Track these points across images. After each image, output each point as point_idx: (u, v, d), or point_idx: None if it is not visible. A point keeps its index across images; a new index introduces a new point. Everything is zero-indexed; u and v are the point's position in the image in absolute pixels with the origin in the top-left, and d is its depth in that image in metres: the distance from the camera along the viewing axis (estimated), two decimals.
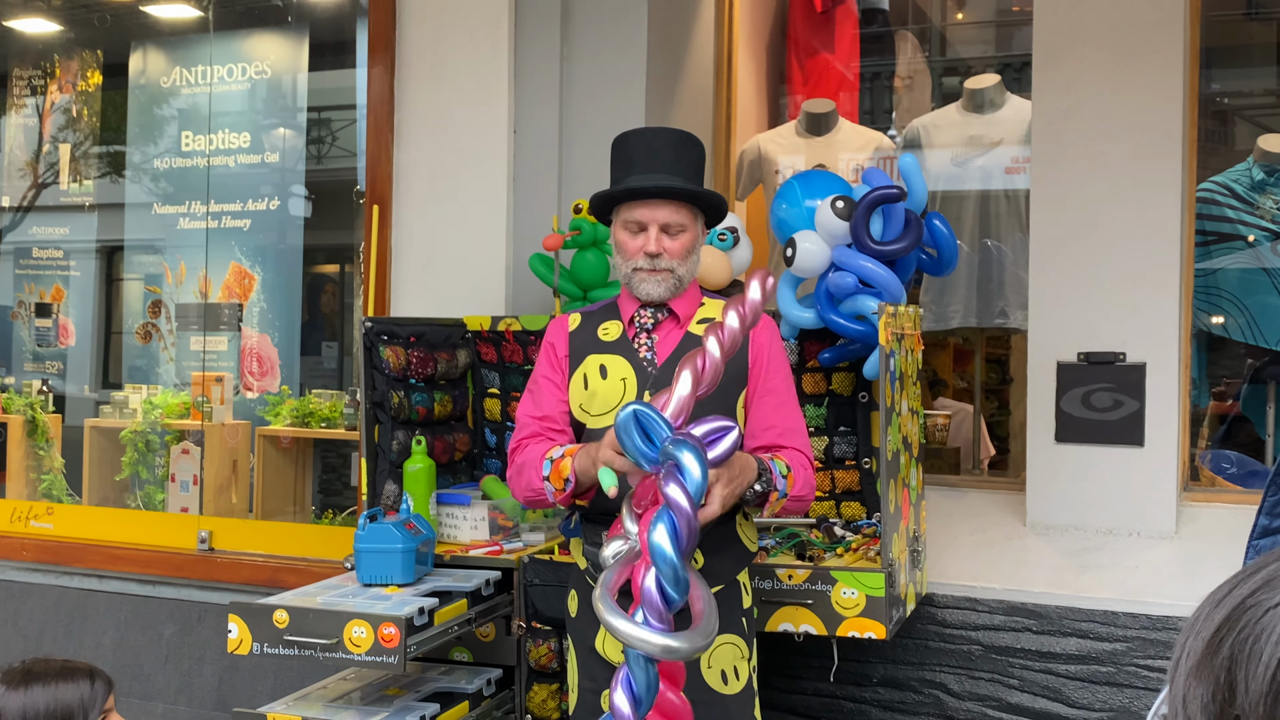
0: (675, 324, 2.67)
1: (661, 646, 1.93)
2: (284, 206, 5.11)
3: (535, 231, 4.14)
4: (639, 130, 2.78)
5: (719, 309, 2.65)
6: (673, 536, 1.97)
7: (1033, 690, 3.52)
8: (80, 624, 4.85)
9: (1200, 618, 0.92)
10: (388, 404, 3.55)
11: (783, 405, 2.66)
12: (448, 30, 4.40)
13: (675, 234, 2.60)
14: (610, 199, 2.64)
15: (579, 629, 2.72)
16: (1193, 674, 0.90)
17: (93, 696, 2.29)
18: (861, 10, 5.93)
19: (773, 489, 2.50)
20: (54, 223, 5.74)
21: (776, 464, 2.54)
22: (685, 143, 2.67)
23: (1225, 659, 0.88)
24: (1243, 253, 4.51)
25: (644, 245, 2.58)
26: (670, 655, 1.95)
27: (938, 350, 5.55)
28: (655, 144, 2.63)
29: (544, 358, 2.77)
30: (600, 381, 2.64)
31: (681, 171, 2.61)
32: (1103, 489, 3.75)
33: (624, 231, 2.63)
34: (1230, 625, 0.89)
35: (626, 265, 2.63)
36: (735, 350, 2.30)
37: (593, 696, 2.64)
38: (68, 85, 5.68)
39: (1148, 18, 3.72)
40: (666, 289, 2.62)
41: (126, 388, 5.39)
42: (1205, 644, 0.90)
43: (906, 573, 3.27)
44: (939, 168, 4.95)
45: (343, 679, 3.42)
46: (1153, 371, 3.70)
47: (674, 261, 2.60)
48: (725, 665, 2.61)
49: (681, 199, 2.60)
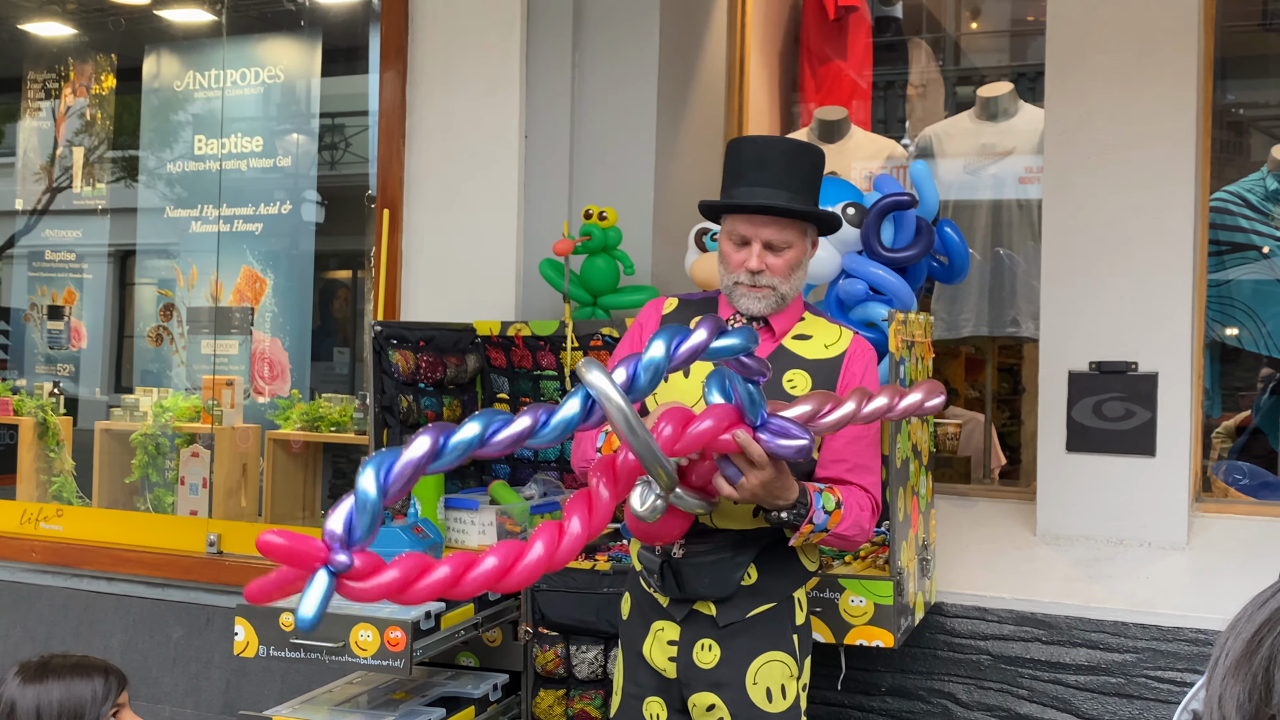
0: (770, 336, 2.57)
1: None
2: (296, 211, 5.12)
3: (546, 237, 4.14)
4: (754, 138, 2.68)
5: (818, 325, 2.61)
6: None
7: (1042, 700, 3.50)
8: (89, 626, 4.85)
9: (1243, 618, 0.91)
10: (397, 408, 3.55)
11: (859, 439, 2.55)
12: (460, 36, 4.41)
13: (780, 251, 2.50)
14: (716, 209, 2.56)
15: (630, 633, 2.65)
16: (1231, 672, 0.88)
17: (105, 692, 2.33)
18: (875, 18, 5.93)
19: (806, 521, 2.39)
20: (67, 226, 5.76)
21: (824, 498, 2.42)
22: (800, 154, 2.54)
23: (1264, 658, 0.86)
24: (1257, 263, 4.49)
25: (746, 260, 2.50)
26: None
27: (949, 359, 5.54)
28: (767, 155, 2.52)
29: (630, 337, 2.68)
30: (680, 377, 2.50)
31: (791, 185, 2.49)
32: (1114, 499, 3.73)
33: (728, 242, 2.54)
34: (1272, 625, 0.87)
35: (728, 278, 2.54)
36: (867, 423, 2.36)
37: (635, 702, 2.60)
38: (82, 89, 5.70)
39: (1161, 27, 3.71)
40: (767, 305, 2.53)
41: (137, 390, 5.40)
42: (1245, 643, 0.88)
43: (915, 581, 3.25)
44: (951, 176, 4.94)
45: (349, 683, 3.41)
46: (1165, 381, 3.68)
47: (776, 279, 2.50)
48: (772, 683, 2.53)
49: (787, 216, 2.51)
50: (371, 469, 1.69)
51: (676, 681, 2.55)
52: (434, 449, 1.73)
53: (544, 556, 1.86)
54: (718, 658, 2.52)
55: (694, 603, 2.52)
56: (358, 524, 1.67)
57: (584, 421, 1.89)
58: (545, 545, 1.87)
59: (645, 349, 1.99)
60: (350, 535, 1.67)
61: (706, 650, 2.52)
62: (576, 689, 3.37)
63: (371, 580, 1.69)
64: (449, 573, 1.77)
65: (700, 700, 2.53)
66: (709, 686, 2.52)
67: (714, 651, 2.52)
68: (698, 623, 2.53)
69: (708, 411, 2.19)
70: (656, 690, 2.58)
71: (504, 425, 1.80)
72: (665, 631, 2.56)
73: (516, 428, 1.81)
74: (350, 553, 1.65)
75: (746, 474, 2.25)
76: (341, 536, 1.66)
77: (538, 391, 3.90)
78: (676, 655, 2.54)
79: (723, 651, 2.51)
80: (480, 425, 1.77)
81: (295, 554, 1.64)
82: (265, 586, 1.68)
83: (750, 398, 2.17)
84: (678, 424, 2.12)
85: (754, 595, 2.53)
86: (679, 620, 2.54)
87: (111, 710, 2.35)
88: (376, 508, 1.67)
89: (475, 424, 1.77)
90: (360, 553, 1.68)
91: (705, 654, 2.52)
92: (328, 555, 1.64)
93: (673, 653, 2.55)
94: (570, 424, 1.87)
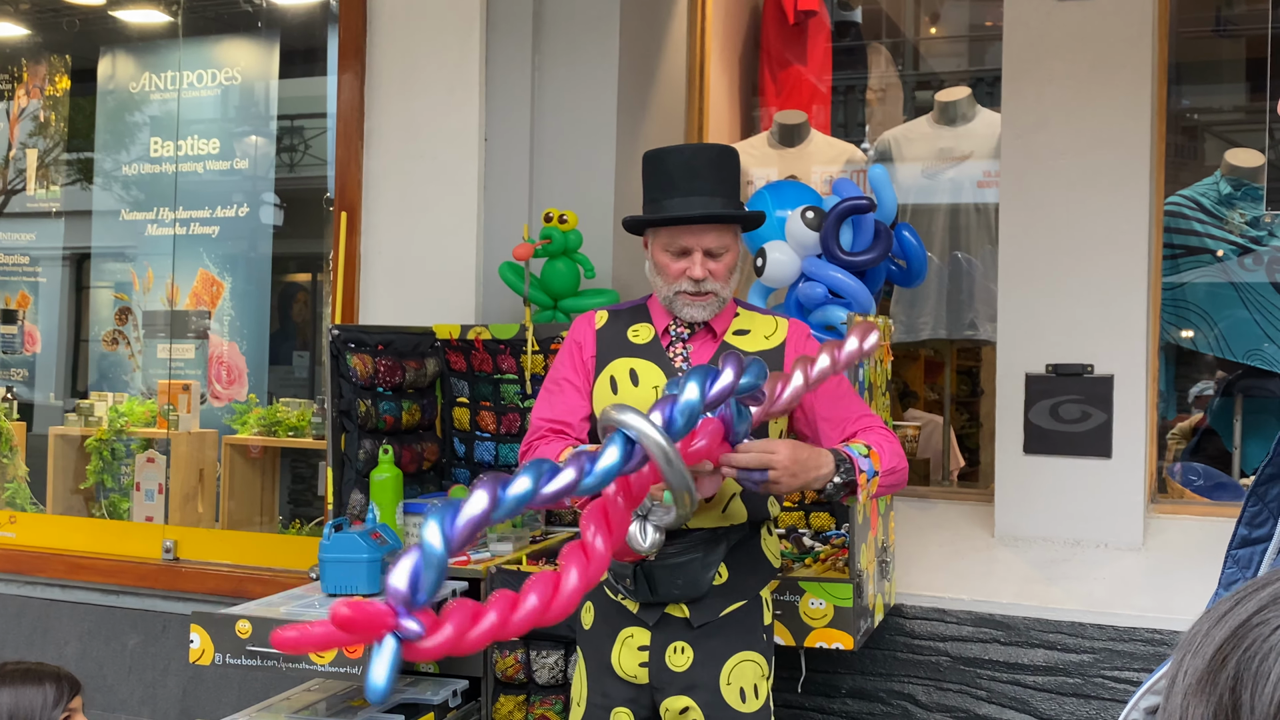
0: (711, 337, 2.59)
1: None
2: (254, 214, 5.08)
3: (506, 240, 4.13)
4: (676, 148, 2.68)
5: (753, 319, 2.61)
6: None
7: (1000, 701, 3.52)
8: (42, 634, 4.79)
9: (1199, 634, 0.89)
10: (354, 412, 3.52)
11: (845, 397, 2.57)
12: (419, 38, 4.39)
13: (719, 256, 2.52)
14: (658, 222, 2.55)
15: (593, 643, 2.63)
16: (1192, 692, 0.87)
17: (56, 697, 2.37)
18: (835, 23, 5.96)
19: (858, 472, 2.38)
20: (21, 229, 5.68)
21: (854, 448, 2.42)
22: (725, 158, 2.57)
23: (1230, 677, 0.84)
24: (1211, 267, 4.53)
25: (688, 269, 2.51)
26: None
27: (909, 362, 5.57)
28: (695, 163, 2.53)
29: (566, 357, 2.65)
30: (631, 388, 2.53)
31: (723, 191, 2.52)
32: (1071, 500, 3.76)
33: (664, 254, 2.54)
34: (1235, 643, 0.86)
35: (668, 288, 2.55)
36: (817, 387, 2.31)
37: (603, 713, 2.58)
38: (35, 90, 5.63)
39: (1116, 33, 3.74)
40: (710, 311, 2.55)
41: (92, 395, 5.34)
42: (1207, 661, 0.87)
43: (875, 583, 3.26)
44: (910, 180, 4.97)
45: (307, 690, 3.39)
46: (1120, 384, 3.72)
47: (718, 284, 2.53)
48: (745, 683, 2.53)
49: (727, 223, 2.53)
50: (435, 522, 1.66)
51: (648, 687, 2.54)
52: (492, 504, 1.74)
53: (580, 583, 1.87)
54: (690, 660, 2.51)
55: (665, 606, 2.52)
56: (424, 582, 1.64)
57: (624, 467, 1.90)
58: (580, 572, 1.88)
59: (679, 391, 1.97)
60: (415, 594, 1.64)
61: (679, 653, 2.51)
62: (537, 694, 3.36)
63: (432, 640, 1.68)
64: (496, 619, 1.77)
65: (674, 704, 2.51)
66: (683, 689, 2.51)
67: (686, 654, 2.51)
68: (669, 626, 2.52)
69: (701, 430, 2.19)
70: (625, 700, 2.56)
71: (551, 477, 1.81)
72: (635, 638, 2.55)
73: (564, 480, 1.82)
74: (417, 617, 1.63)
75: (768, 463, 2.23)
76: (406, 595, 1.63)
77: (498, 395, 3.89)
78: (648, 660, 2.53)
79: (695, 653, 2.51)
80: (531, 480, 1.78)
81: (364, 623, 1.62)
82: (302, 642, 1.67)
83: (738, 413, 2.17)
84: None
85: (726, 594, 2.53)
86: (650, 625, 2.53)
87: (63, 715, 2.37)
88: (443, 564, 1.65)
89: (526, 478, 1.78)
90: (421, 613, 1.65)
91: (678, 657, 2.51)
92: (395, 621, 1.62)
93: (644, 658, 2.53)
94: (612, 473, 1.88)
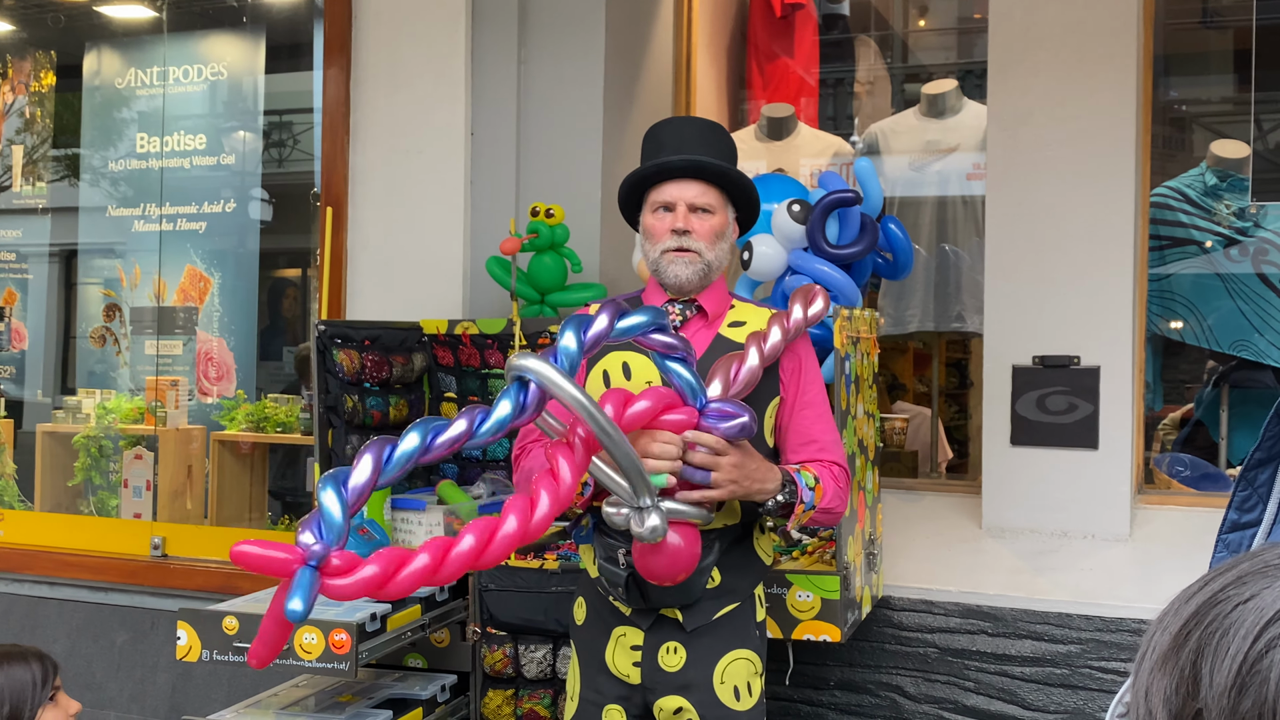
0: (704, 322, 2.56)
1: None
2: (242, 209, 5.06)
3: (492, 235, 4.12)
4: (671, 119, 2.71)
5: (748, 310, 2.60)
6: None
7: (988, 692, 3.53)
8: (30, 632, 4.78)
9: (1169, 613, 0.92)
10: (341, 408, 3.52)
11: (821, 418, 2.57)
12: (404, 33, 4.38)
13: (703, 215, 2.51)
14: (639, 183, 2.56)
15: (586, 639, 2.61)
16: (1157, 667, 0.89)
17: (43, 676, 2.49)
18: (822, 16, 5.95)
19: (798, 500, 2.40)
20: (7, 225, 5.66)
21: (803, 475, 2.44)
22: (714, 130, 2.61)
23: (1191, 652, 0.87)
24: (1197, 258, 4.54)
25: (671, 224, 2.50)
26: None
27: (897, 354, 5.57)
28: (685, 131, 2.58)
29: None
30: (624, 381, 2.51)
31: (710, 154, 2.53)
32: (1058, 492, 3.77)
33: (651, 216, 2.55)
34: (1198, 619, 0.88)
35: (654, 250, 2.53)
36: (772, 361, 2.36)
37: (595, 709, 2.56)
38: (21, 86, 5.60)
39: (1102, 25, 3.75)
40: (695, 272, 2.51)
41: (80, 392, 5.32)
42: (1172, 638, 0.89)
43: (862, 575, 3.27)
44: (897, 173, 4.97)
45: (295, 685, 3.38)
46: (1107, 375, 3.72)
47: (702, 244, 2.50)
48: (739, 681, 2.52)
49: (711, 178, 2.52)
50: (331, 488, 1.72)
51: (641, 687, 2.52)
52: (378, 465, 1.76)
53: (518, 529, 1.87)
54: (684, 660, 2.49)
55: (659, 610, 2.50)
56: (326, 534, 1.69)
57: (518, 417, 1.91)
58: (518, 517, 1.88)
59: (558, 338, 2.05)
60: (321, 537, 1.71)
61: (672, 653, 2.49)
62: (525, 689, 3.36)
63: (353, 576, 1.71)
64: (428, 560, 1.78)
65: (667, 704, 2.49)
66: (676, 690, 2.49)
67: (680, 654, 2.49)
68: (663, 627, 2.50)
69: (645, 393, 2.22)
70: (617, 698, 2.54)
71: (442, 430, 1.83)
72: (628, 637, 2.53)
73: (454, 431, 1.84)
74: (325, 546, 1.68)
75: (713, 465, 2.27)
76: (314, 542, 1.69)
77: (485, 390, 3.88)
78: (641, 660, 2.51)
79: (689, 653, 2.49)
80: (419, 435, 1.80)
81: (270, 561, 1.66)
82: (260, 648, 1.72)
83: (690, 385, 2.20)
84: (618, 404, 2.15)
85: (719, 597, 2.51)
86: (644, 628, 2.51)
87: (51, 692, 2.48)
88: (341, 520, 1.70)
89: (415, 434, 1.80)
90: (338, 552, 1.70)
91: (671, 657, 2.49)
92: (303, 556, 1.68)
93: (636, 658, 2.52)
94: (504, 422, 1.89)
